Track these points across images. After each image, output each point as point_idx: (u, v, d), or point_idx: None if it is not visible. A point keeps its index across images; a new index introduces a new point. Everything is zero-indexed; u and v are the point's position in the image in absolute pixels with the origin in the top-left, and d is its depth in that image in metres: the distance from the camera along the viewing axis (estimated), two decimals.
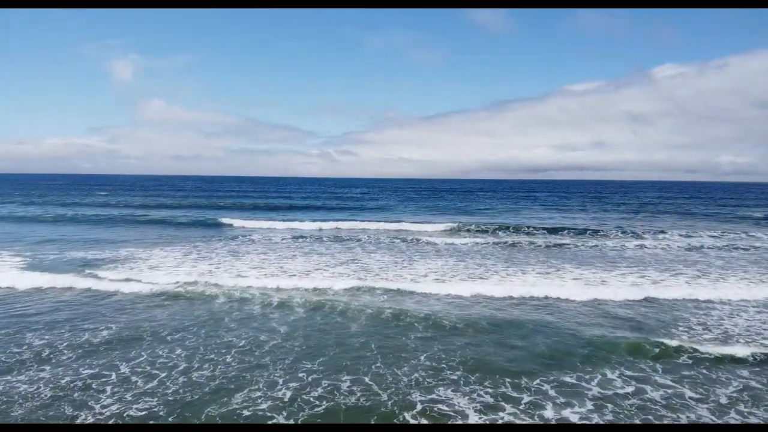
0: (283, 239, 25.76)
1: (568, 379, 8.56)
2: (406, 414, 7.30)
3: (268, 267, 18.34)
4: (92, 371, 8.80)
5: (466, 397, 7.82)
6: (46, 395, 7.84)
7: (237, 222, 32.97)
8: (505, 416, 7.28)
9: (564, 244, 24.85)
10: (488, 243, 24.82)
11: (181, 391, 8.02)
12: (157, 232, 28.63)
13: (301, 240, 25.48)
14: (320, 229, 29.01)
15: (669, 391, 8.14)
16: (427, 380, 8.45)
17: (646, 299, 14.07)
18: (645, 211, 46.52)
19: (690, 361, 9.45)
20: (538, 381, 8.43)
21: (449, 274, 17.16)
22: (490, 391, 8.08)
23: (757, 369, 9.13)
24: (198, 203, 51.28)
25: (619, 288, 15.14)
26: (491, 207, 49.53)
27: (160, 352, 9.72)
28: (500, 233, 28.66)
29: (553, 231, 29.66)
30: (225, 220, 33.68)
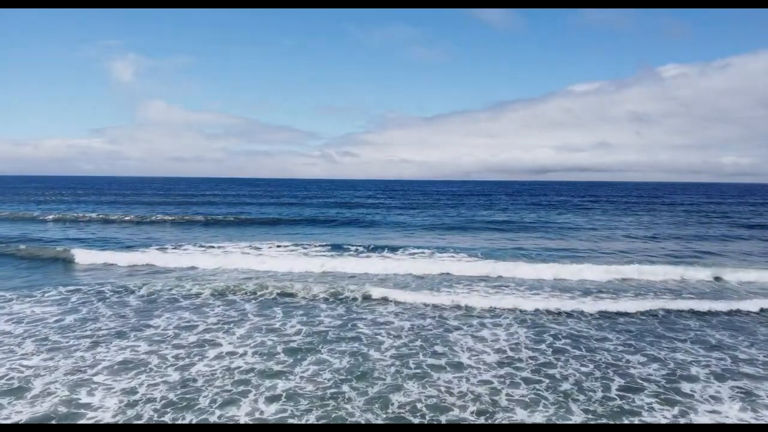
0: (192, 306, 15.92)
1: None
2: None
3: None
4: None
5: None
6: None
7: (178, 258, 19.24)
8: None
9: None
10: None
11: None
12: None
13: (221, 316, 12.09)
14: (286, 273, 16.89)
15: None
16: None
17: None
18: (740, 225, 36.75)
19: None
20: None
21: None
22: None
23: None
24: (141, 219, 41.57)
25: None
26: (543, 222, 35.57)
27: None
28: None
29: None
30: (167, 257, 22.79)
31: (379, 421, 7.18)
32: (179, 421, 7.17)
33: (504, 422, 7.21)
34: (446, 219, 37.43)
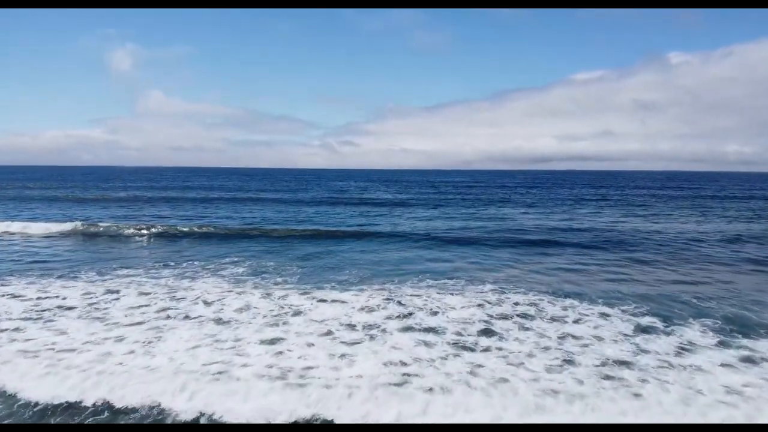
0: None
1: None
2: None
3: None
4: None
5: None
6: None
7: None
8: None
9: None
10: None
11: None
12: None
13: None
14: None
15: None
16: None
17: None
18: None
19: None
20: None
21: None
22: None
23: None
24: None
25: None
26: (610, 228, 25.18)
27: None
28: None
29: None
30: None
31: None
32: None
33: None
34: (471, 223, 28.83)
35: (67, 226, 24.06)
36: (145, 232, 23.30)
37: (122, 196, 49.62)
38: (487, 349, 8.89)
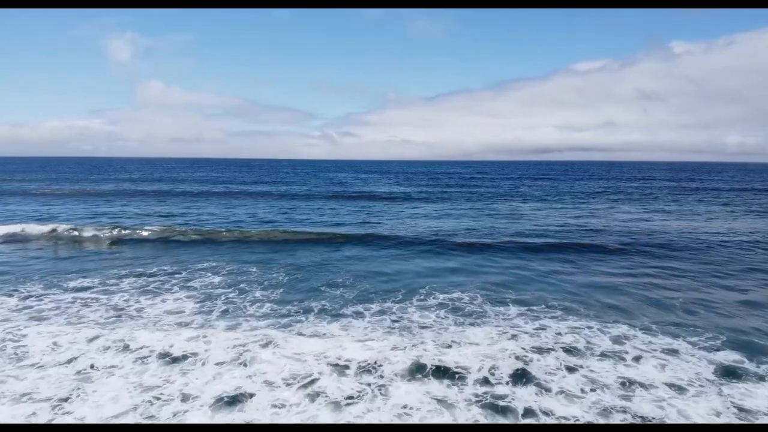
0: None
1: None
2: None
3: None
4: None
5: None
6: None
7: None
8: None
9: None
10: None
11: None
12: None
13: None
14: None
15: None
16: None
17: None
18: None
19: None
20: None
21: None
22: None
23: None
24: None
25: None
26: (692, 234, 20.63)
27: None
28: None
29: None
30: None
31: None
32: None
33: None
34: (481, 221, 26.27)
35: (18, 228, 21.41)
36: (111, 234, 20.75)
37: (109, 189, 47.08)
38: (528, 412, 6.42)
